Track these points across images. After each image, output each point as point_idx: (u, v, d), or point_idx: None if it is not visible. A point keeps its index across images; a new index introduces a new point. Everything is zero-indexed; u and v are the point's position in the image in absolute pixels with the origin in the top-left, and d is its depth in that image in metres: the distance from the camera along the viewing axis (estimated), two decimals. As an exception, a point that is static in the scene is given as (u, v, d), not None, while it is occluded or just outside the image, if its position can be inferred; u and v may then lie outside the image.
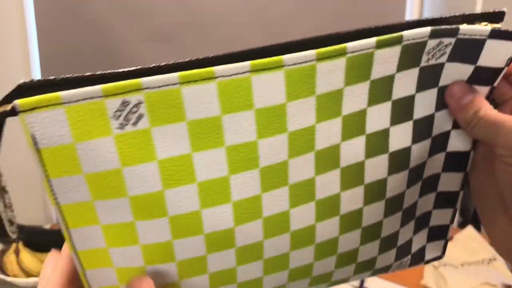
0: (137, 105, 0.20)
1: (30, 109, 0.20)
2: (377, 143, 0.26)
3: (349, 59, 0.23)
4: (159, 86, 0.20)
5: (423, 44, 0.24)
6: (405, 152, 0.27)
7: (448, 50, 0.25)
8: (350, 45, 0.23)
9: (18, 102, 0.20)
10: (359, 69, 0.23)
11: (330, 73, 0.23)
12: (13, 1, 1.16)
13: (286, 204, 0.24)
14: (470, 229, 1.04)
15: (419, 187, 0.30)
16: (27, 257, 1.01)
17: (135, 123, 0.21)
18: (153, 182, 0.22)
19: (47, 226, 1.17)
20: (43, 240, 1.06)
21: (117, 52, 1.21)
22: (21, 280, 0.98)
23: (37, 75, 1.21)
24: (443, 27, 0.24)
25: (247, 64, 0.21)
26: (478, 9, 1.07)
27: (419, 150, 0.27)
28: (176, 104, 0.21)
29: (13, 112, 0.20)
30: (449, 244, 0.34)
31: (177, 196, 0.22)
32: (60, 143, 0.20)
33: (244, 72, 0.21)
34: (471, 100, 0.26)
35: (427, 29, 0.24)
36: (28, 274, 1.00)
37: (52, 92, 0.20)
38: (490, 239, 0.30)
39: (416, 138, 0.27)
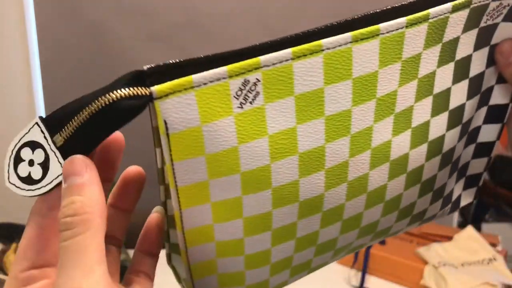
0: (255, 83, 0.21)
1: (165, 95, 0.20)
2: (441, 102, 0.27)
3: (430, 24, 0.24)
4: (274, 63, 0.21)
5: (486, 6, 0.26)
6: (461, 109, 0.29)
7: (505, 11, 0.27)
8: (432, 10, 0.24)
9: (155, 89, 0.20)
10: (436, 33, 0.25)
11: (415, 38, 0.24)
12: (13, 1, 1.16)
13: (367, 167, 0.26)
14: (470, 229, 1.04)
15: (465, 140, 0.32)
16: (27, 257, 1.01)
17: (252, 101, 0.21)
18: (262, 157, 0.23)
19: (47, 226, 1.17)
20: (43, 240, 1.06)
21: (117, 52, 1.21)
22: (21, 280, 0.98)
23: (37, 75, 1.21)
24: None
25: (348, 35, 0.22)
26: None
27: (470, 106, 0.29)
28: (288, 80, 0.22)
29: (150, 99, 0.20)
30: (449, 244, 0.36)
31: (280, 168, 0.23)
32: (188, 126, 0.21)
33: (347, 43, 0.22)
34: None
35: None
36: (28, 274, 1.00)
37: (176, 75, 0.20)
38: None
39: (470, 95, 0.29)
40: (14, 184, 0.21)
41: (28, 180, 0.21)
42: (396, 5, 0.24)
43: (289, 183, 0.24)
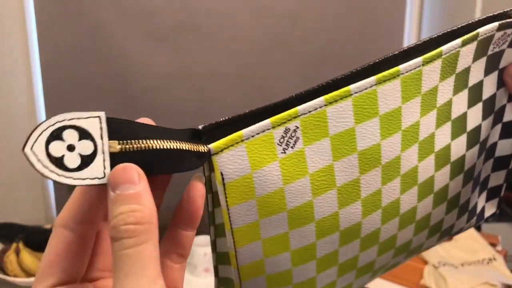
0: (295, 130, 0.24)
1: (221, 151, 0.23)
2: (459, 125, 0.30)
3: (444, 59, 0.27)
4: (310, 111, 0.24)
5: (491, 37, 0.29)
6: (477, 129, 0.32)
7: (509, 38, 0.30)
8: (444, 48, 0.27)
9: (212, 146, 0.23)
10: (449, 66, 0.28)
11: (431, 73, 0.27)
12: (13, 1, 1.16)
13: (398, 192, 0.29)
14: (470, 229, 1.04)
15: (484, 156, 0.34)
16: (27, 257, 1.01)
17: (293, 146, 0.24)
18: (305, 194, 0.26)
19: (47, 226, 1.17)
20: (43, 240, 1.06)
21: (117, 52, 1.21)
22: (21, 280, 0.98)
23: (37, 75, 1.21)
24: (509, 20, 0.29)
25: (372, 79, 0.25)
26: (478, 7, 1.07)
27: (486, 125, 0.32)
28: (322, 124, 0.25)
29: (209, 155, 0.23)
30: (449, 244, 0.37)
31: (321, 202, 0.26)
32: (241, 175, 0.24)
33: (372, 86, 0.25)
34: None
35: (495, 24, 0.28)
36: (28, 274, 1.00)
37: (228, 130, 0.23)
38: None
39: (485, 116, 0.32)
40: (35, 155, 0.19)
41: (56, 161, 0.20)
42: (412, 45, 0.27)
43: (330, 214, 0.27)
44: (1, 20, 1.17)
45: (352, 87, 0.25)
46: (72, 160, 0.20)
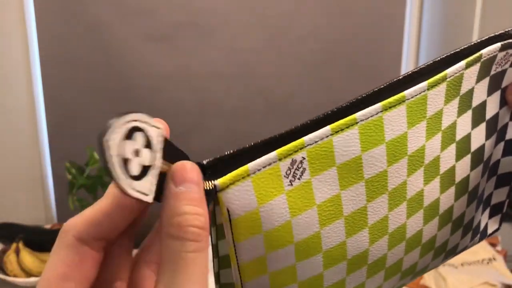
0: (302, 161, 0.24)
1: (226, 186, 0.22)
2: (463, 146, 0.30)
3: (448, 82, 0.27)
4: (316, 141, 0.24)
5: (494, 57, 0.29)
6: (481, 149, 0.32)
7: (511, 58, 0.30)
8: (449, 71, 0.27)
9: (218, 183, 0.22)
10: (453, 89, 0.28)
11: (436, 97, 0.27)
12: (13, 1, 1.16)
13: (404, 217, 0.29)
14: (470, 229, 1.04)
15: (487, 174, 0.34)
16: (27, 257, 1.01)
17: (300, 177, 0.24)
18: (313, 225, 0.25)
19: (47, 226, 1.17)
20: (43, 240, 1.06)
21: (117, 51, 1.21)
22: (21, 280, 0.98)
23: (37, 75, 1.21)
24: (510, 40, 0.29)
25: (379, 105, 0.25)
26: (478, 7, 1.07)
27: (489, 144, 0.32)
28: (329, 153, 0.24)
29: (215, 192, 0.22)
30: None
31: (329, 232, 0.26)
32: (247, 210, 0.23)
33: (378, 113, 0.25)
34: None
35: (498, 45, 0.28)
36: (28, 274, 1.00)
37: (233, 165, 0.23)
38: None
39: (488, 135, 0.32)
40: (113, 149, 0.17)
41: (124, 163, 0.18)
42: (416, 69, 0.27)
43: (337, 244, 0.26)
44: (1, 20, 1.17)
45: (358, 115, 0.24)
46: (134, 167, 0.19)
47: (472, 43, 0.28)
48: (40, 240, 1.06)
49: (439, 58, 0.27)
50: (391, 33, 1.31)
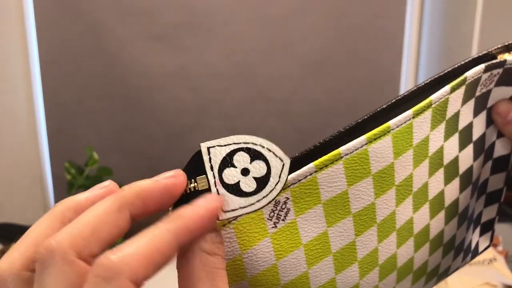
0: (285, 201, 0.23)
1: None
2: (451, 170, 0.30)
3: (434, 109, 0.27)
4: (300, 180, 0.23)
5: (478, 79, 0.28)
6: (469, 170, 0.31)
7: (496, 78, 0.29)
8: (434, 97, 0.26)
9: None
10: (439, 114, 0.27)
11: (422, 124, 0.26)
12: (13, 1, 1.16)
13: (395, 247, 0.28)
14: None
15: (476, 194, 0.34)
16: (27, 257, 1.01)
17: (284, 218, 0.23)
18: (300, 265, 0.24)
19: (47, 226, 1.17)
20: (43, 240, 1.06)
21: (117, 52, 1.21)
22: (21, 280, 0.97)
23: (37, 75, 1.21)
24: (494, 61, 0.28)
25: (363, 138, 0.24)
26: (479, 9, 1.07)
27: (477, 164, 0.32)
28: (314, 190, 0.23)
29: None
30: None
31: (317, 271, 0.25)
32: (230, 258, 0.22)
33: (362, 146, 0.24)
34: None
35: (482, 66, 0.28)
36: (27, 274, 0.99)
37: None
38: None
39: (476, 156, 0.31)
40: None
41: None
42: (399, 96, 0.26)
43: (327, 282, 0.25)
44: (1, 20, 1.17)
45: (343, 149, 0.23)
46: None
47: (456, 66, 0.28)
48: (40, 240, 1.06)
49: (423, 83, 0.27)
50: (391, 33, 1.31)
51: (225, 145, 0.20)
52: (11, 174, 1.23)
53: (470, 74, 0.28)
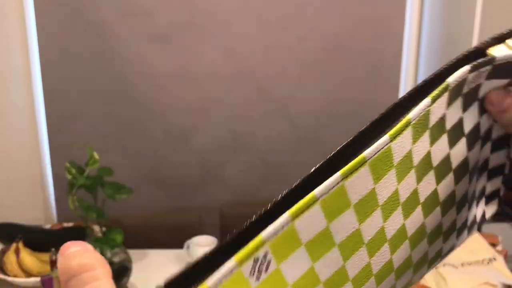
0: (265, 255, 0.22)
1: None
2: (443, 168, 0.29)
3: (414, 125, 0.26)
4: (277, 233, 0.22)
5: (464, 81, 0.27)
6: (465, 162, 0.30)
7: (485, 74, 0.28)
8: (412, 115, 0.25)
9: None
10: (421, 127, 0.26)
11: (402, 143, 0.25)
12: (13, 1, 1.16)
13: (389, 255, 0.28)
14: (470, 229, 1.04)
15: (475, 176, 0.33)
16: (27, 257, 1.01)
17: (266, 270, 0.22)
18: None
19: (47, 226, 1.17)
20: (43, 240, 1.06)
21: (117, 52, 1.21)
22: (21, 280, 0.98)
23: (37, 75, 1.21)
24: (481, 60, 0.27)
25: (338, 175, 0.23)
26: (479, 7, 1.07)
27: (473, 154, 0.31)
28: (293, 237, 0.23)
29: None
30: None
31: None
32: None
33: (338, 183, 0.23)
34: (510, 102, 0.29)
35: (467, 68, 0.27)
36: (28, 274, 1.00)
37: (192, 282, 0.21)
38: None
39: (470, 147, 0.30)
40: None
41: None
42: (374, 120, 0.25)
43: None
44: (1, 20, 1.17)
45: (317, 192, 0.23)
46: None
47: (438, 71, 0.27)
48: (40, 240, 1.06)
49: (402, 98, 0.26)
50: (391, 33, 1.31)
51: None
52: (12, 174, 1.23)
53: (452, 80, 0.26)
